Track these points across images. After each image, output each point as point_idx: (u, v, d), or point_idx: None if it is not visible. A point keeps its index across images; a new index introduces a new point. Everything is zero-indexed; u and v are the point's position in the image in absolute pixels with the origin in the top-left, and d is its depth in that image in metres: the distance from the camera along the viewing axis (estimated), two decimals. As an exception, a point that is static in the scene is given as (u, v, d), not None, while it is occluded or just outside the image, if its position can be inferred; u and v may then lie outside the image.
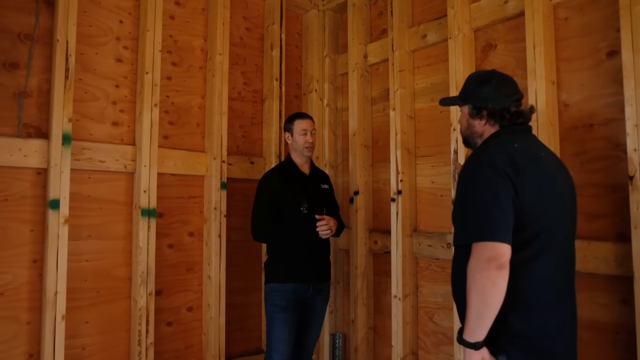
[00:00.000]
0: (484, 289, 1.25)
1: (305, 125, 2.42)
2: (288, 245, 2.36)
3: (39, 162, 2.11)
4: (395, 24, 2.67)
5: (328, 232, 2.30)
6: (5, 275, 2.03)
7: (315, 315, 2.44)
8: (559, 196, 1.42)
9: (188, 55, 2.67)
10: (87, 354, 2.24)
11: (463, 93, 1.59)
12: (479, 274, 1.25)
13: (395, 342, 2.55)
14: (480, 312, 1.26)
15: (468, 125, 1.56)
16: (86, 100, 2.30)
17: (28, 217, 2.10)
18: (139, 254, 2.32)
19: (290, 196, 2.36)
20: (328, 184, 2.57)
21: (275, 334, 2.28)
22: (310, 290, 2.36)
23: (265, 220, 2.34)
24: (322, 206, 2.41)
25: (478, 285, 1.25)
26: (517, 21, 2.22)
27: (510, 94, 1.50)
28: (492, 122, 1.50)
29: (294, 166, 2.46)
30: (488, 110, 1.49)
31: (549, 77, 2.04)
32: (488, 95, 1.49)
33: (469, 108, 1.55)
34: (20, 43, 2.12)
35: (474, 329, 1.28)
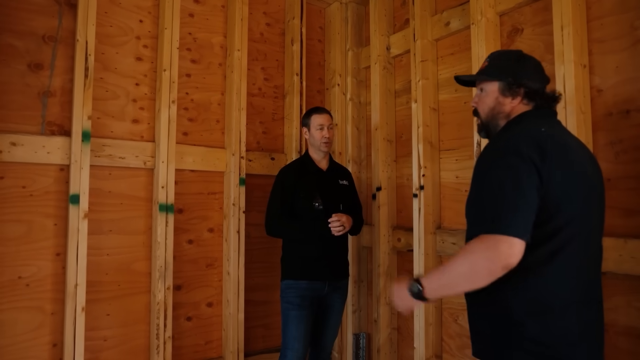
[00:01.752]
0: (477, 275, 1.17)
1: (322, 120, 2.37)
2: (303, 242, 2.32)
3: (62, 159, 2.18)
4: (417, 12, 2.56)
5: (340, 229, 2.23)
6: (30, 267, 2.11)
7: (332, 313, 2.39)
8: (588, 188, 1.28)
9: (207, 52, 2.69)
10: (108, 345, 2.29)
11: (491, 68, 1.42)
12: (483, 261, 1.15)
13: (417, 344, 2.44)
14: (456, 286, 1.25)
15: (495, 104, 1.40)
16: (107, 98, 2.36)
17: (52, 211, 2.18)
18: (158, 248, 2.35)
19: (305, 192, 2.32)
20: (347, 180, 2.50)
21: (290, 332, 2.25)
22: (326, 288, 2.32)
23: (279, 215, 2.31)
24: (338, 202, 2.35)
25: (474, 268, 1.16)
26: (545, 2, 2.06)
27: (543, 76, 1.40)
28: (526, 102, 1.37)
29: (311, 161, 2.42)
30: (526, 87, 1.35)
31: (579, 60, 1.87)
32: (526, 72, 1.37)
33: (501, 84, 1.38)
34: (45, 44, 2.21)
35: (439, 292, 1.29)
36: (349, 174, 2.58)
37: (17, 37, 2.14)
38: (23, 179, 2.12)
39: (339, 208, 2.34)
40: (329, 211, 2.28)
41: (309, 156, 2.44)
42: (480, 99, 1.45)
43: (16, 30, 2.14)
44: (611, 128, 1.83)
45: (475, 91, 1.49)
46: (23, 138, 2.10)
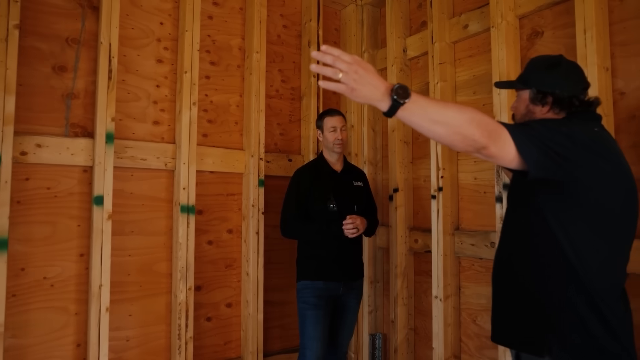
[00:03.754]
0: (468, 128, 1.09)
1: (335, 122, 2.39)
2: (317, 243, 2.34)
3: (85, 160, 2.20)
4: (435, 14, 2.57)
5: (354, 231, 2.24)
6: (55, 268, 2.13)
7: (347, 313, 2.42)
8: (634, 192, 1.32)
9: (226, 54, 2.71)
10: (131, 345, 2.31)
11: (524, 77, 1.48)
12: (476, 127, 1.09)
13: (436, 344, 2.46)
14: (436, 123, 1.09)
15: (527, 112, 1.44)
16: (129, 100, 2.38)
17: (75, 212, 2.20)
18: (179, 249, 2.37)
19: (319, 193, 2.35)
20: (362, 182, 2.52)
21: (308, 332, 2.28)
22: (341, 288, 2.35)
23: (294, 216, 2.35)
24: (352, 204, 2.37)
25: (471, 123, 1.09)
26: (566, 5, 2.08)
27: (578, 81, 1.40)
28: (557, 110, 1.39)
29: (326, 163, 2.44)
30: (554, 96, 1.38)
31: (602, 63, 1.89)
32: (555, 81, 1.39)
33: (531, 93, 1.42)
34: (68, 47, 2.23)
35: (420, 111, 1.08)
36: (364, 175, 2.60)
37: (41, 40, 2.16)
38: (48, 180, 2.14)
39: (353, 209, 2.35)
40: (343, 213, 2.29)
41: (324, 158, 2.46)
42: (516, 104, 1.50)
43: (41, 33, 2.16)
44: (635, 131, 1.85)
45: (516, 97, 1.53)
46: (48, 140, 2.11)
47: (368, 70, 1.05)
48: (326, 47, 1.06)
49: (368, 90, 1.05)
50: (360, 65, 1.04)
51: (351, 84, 1.03)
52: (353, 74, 1.03)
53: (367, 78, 1.04)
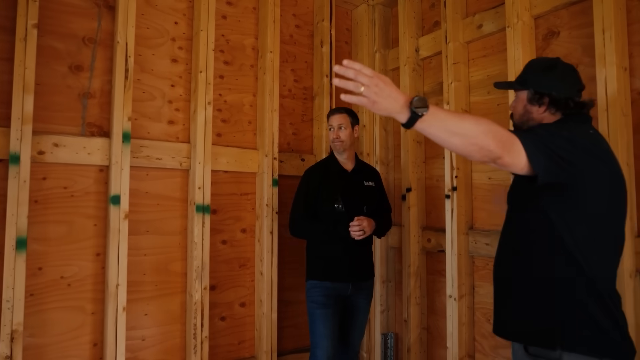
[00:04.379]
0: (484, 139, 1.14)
1: (332, 121, 2.41)
2: (326, 243, 2.34)
3: (101, 160, 2.20)
4: (449, 14, 2.58)
5: (360, 233, 2.21)
6: (71, 267, 2.13)
7: (357, 313, 2.40)
8: (625, 193, 1.41)
9: (239, 53, 2.71)
10: (147, 344, 2.31)
11: (522, 78, 1.54)
12: (492, 139, 1.15)
13: (450, 344, 2.46)
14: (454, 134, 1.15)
15: (525, 112, 1.51)
16: (144, 99, 2.38)
17: (92, 212, 2.20)
18: (194, 249, 2.37)
19: (327, 193, 2.34)
20: (374, 181, 2.49)
21: (318, 330, 2.28)
22: (350, 288, 2.34)
23: (303, 216, 2.35)
24: (361, 204, 2.34)
25: (487, 134, 1.15)
26: (582, 5, 2.08)
27: (574, 84, 1.47)
28: (553, 110, 1.46)
29: (335, 162, 2.43)
30: (550, 97, 1.44)
31: (621, 63, 1.89)
32: (552, 82, 1.45)
33: (528, 93, 1.49)
34: (84, 46, 2.23)
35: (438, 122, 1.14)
36: (377, 174, 2.58)
37: (58, 39, 2.16)
38: (64, 179, 2.14)
39: (362, 210, 2.32)
40: (351, 213, 2.27)
41: (334, 157, 2.45)
42: (515, 104, 1.56)
43: (57, 32, 2.16)
44: (653, 130, 1.86)
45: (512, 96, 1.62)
46: (65, 139, 2.12)
47: (387, 83, 1.10)
48: (347, 61, 1.10)
49: (388, 103, 1.11)
50: (380, 79, 1.10)
51: (372, 97, 1.09)
52: (374, 87, 1.08)
53: (387, 91, 1.09)
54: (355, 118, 2.46)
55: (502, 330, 1.47)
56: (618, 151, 1.81)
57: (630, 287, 1.79)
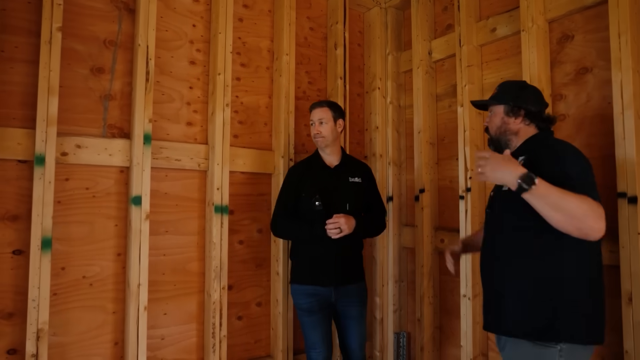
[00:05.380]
0: (581, 221, 1.32)
1: (312, 116, 2.32)
2: (307, 244, 2.25)
3: (122, 161, 2.22)
4: (463, 18, 2.61)
5: (336, 232, 2.10)
6: (93, 267, 2.16)
7: (349, 320, 2.28)
8: None
9: (256, 56, 2.74)
10: (166, 344, 2.34)
11: (497, 96, 1.73)
12: (593, 218, 1.32)
13: (464, 343, 2.50)
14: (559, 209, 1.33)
15: (502, 124, 1.69)
16: (163, 101, 2.41)
17: (113, 212, 2.22)
18: (213, 249, 2.40)
19: (306, 190, 2.25)
20: (362, 177, 2.34)
21: (308, 338, 2.25)
22: (333, 293, 2.23)
23: (283, 214, 2.28)
24: (344, 202, 2.23)
25: (585, 214, 1.32)
26: (597, 10, 2.12)
27: (542, 101, 1.71)
28: (528, 122, 1.67)
29: (319, 158, 2.35)
30: (526, 110, 1.66)
31: (636, 67, 1.93)
32: (527, 97, 1.68)
33: (506, 107, 1.69)
34: (105, 49, 2.25)
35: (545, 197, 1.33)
36: (366, 170, 2.42)
37: (80, 42, 2.19)
38: (86, 180, 2.17)
39: (345, 208, 2.21)
40: (331, 211, 2.16)
41: (318, 153, 2.37)
42: (490, 119, 1.75)
43: (79, 35, 2.19)
44: (668, 133, 1.89)
45: (488, 114, 1.79)
46: (87, 140, 2.14)
47: (501, 164, 1.41)
48: (478, 151, 1.40)
49: (500, 178, 1.42)
50: (495, 160, 1.42)
51: (488, 174, 1.43)
52: (490, 165, 1.42)
53: (502, 170, 1.40)
54: (338, 112, 2.34)
55: (495, 327, 1.60)
56: (634, 153, 1.85)
57: (646, 286, 1.83)
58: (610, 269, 1.88)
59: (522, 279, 1.51)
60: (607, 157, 2.00)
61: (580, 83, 2.17)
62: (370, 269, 3.10)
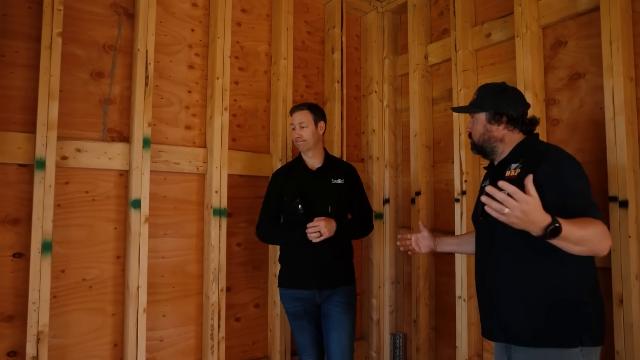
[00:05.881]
0: (600, 246, 1.35)
1: (292, 120, 2.32)
2: (290, 248, 2.26)
3: (122, 165, 2.25)
4: (459, 23, 2.65)
5: (316, 235, 2.08)
6: (93, 270, 2.18)
7: (331, 324, 2.22)
8: None
9: (254, 60, 2.77)
10: (164, 345, 2.37)
11: (478, 102, 1.71)
12: (606, 240, 1.36)
13: (459, 344, 2.53)
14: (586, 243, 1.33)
15: (485, 131, 1.68)
16: (162, 105, 2.43)
17: (112, 215, 2.25)
18: (211, 251, 2.42)
19: (288, 194, 2.25)
20: (345, 179, 2.31)
21: (298, 342, 2.28)
22: (317, 296, 2.22)
23: (267, 218, 2.30)
24: (325, 205, 2.21)
25: (600, 241, 1.34)
26: (590, 16, 2.16)
27: (523, 103, 1.69)
28: (511, 127, 1.65)
29: (301, 161, 2.35)
30: (508, 116, 1.64)
31: (627, 73, 1.97)
32: (507, 103, 1.65)
33: (487, 114, 1.67)
34: (105, 53, 2.28)
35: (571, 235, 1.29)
36: (351, 172, 2.39)
37: (80, 47, 2.21)
38: (86, 184, 2.19)
39: (327, 211, 2.19)
40: (313, 215, 2.14)
41: (301, 156, 2.37)
42: (473, 125, 1.74)
43: (79, 40, 2.21)
44: (658, 138, 1.93)
45: (470, 119, 1.77)
46: (87, 144, 2.17)
47: (531, 211, 1.24)
48: (503, 183, 1.24)
49: (526, 226, 1.27)
50: (528, 206, 1.23)
51: (512, 220, 1.26)
52: (518, 213, 1.23)
53: (527, 220, 1.25)
54: (319, 114, 2.33)
55: (506, 337, 1.57)
56: (625, 158, 1.89)
57: (637, 288, 1.87)
58: (602, 271, 1.92)
59: (528, 284, 1.51)
60: (600, 162, 2.04)
61: (573, 88, 2.21)
62: (367, 271, 3.13)
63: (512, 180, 1.49)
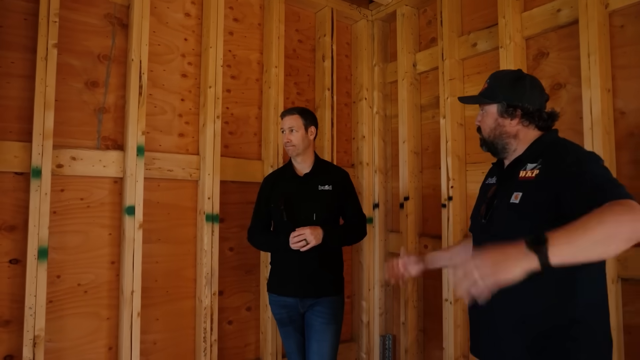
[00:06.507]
0: (620, 233, 1.05)
1: (282, 124, 2.27)
2: (279, 254, 2.24)
3: (116, 172, 2.30)
4: (445, 33, 2.72)
5: (301, 244, 2.04)
6: (88, 275, 2.24)
7: (314, 335, 2.16)
8: None
9: (246, 68, 2.83)
10: (158, 348, 2.42)
11: (490, 91, 1.50)
12: (628, 222, 1.05)
13: (446, 345, 2.61)
14: (594, 248, 1.06)
15: (496, 125, 1.47)
16: (156, 113, 2.49)
17: (107, 222, 2.30)
18: (204, 256, 2.48)
19: (274, 200, 2.24)
20: (332, 184, 2.23)
21: (285, 348, 2.28)
22: (299, 305, 2.18)
23: (255, 224, 2.32)
24: (311, 212, 2.16)
25: (620, 227, 1.05)
26: (570, 29, 2.23)
27: (542, 94, 1.48)
28: (526, 123, 1.45)
29: (290, 167, 2.31)
30: (523, 109, 1.43)
31: (604, 85, 2.05)
32: (522, 94, 1.43)
33: (499, 106, 1.45)
34: (99, 63, 2.33)
35: (570, 253, 1.05)
36: (341, 177, 2.30)
37: (75, 57, 2.26)
38: (81, 191, 2.24)
39: (312, 218, 2.14)
40: (297, 222, 2.11)
41: (291, 162, 2.32)
42: (482, 118, 1.53)
43: (74, 50, 2.26)
44: (634, 147, 2.01)
45: (479, 111, 1.56)
46: (82, 152, 2.22)
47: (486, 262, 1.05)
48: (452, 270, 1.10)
49: (503, 272, 1.05)
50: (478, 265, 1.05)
51: (487, 284, 1.05)
52: (482, 276, 1.04)
53: (491, 267, 1.05)
54: (310, 119, 2.26)
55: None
56: (602, 167, 1.96)
57: (613, 292, 1.94)
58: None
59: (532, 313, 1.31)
60: (578, 170, 2.11)
61: (555, 98, 2.29)
62: (357, 274, 3.20)
63: (529, 182, 1.34)
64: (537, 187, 1.28)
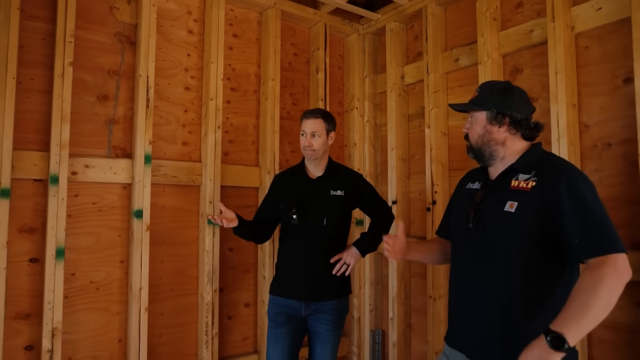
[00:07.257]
0: (613, 301, 1.23)
1: (304, 127, 2.21)
2: (286, 257, 2.27)
3: (125, 178, 2.51)
4: (430, 48, 2.93)
5: (344, 268, 2.15)
6: (100, 273, 2.44)
7: (317, 340, 2.20)
8: None
9: (244, 81, 3.03)
10: (163, 341, 2.63)
11: (480, 99, 1.57)
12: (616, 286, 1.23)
13: (430, 339, 2.81)
14: (598, 319, 1.22)
15: (484, 132, 1.54)
16: (161, 124, 2.69)
17: (117, 224, 2.50)
18: (205, 256, 2.68)
19: (284, 201, 2.23)
20: (344, 189, 2.22)
21: (267, 350, 2.24)
22: (303, 308, 2.18)
23: (255, 216, 2.39)
24: (321, 216, 2.17)
25: (612, 295, 1.23)
26: (541, 48, 2.44)
27: (528, 105, 1.57)
28: (514, 130, 1.52)
29: (303, 169, 2.31)
30: (511, 117, 1.50)
31: (570, 100, 2.25)
32: (511, 103, 1.52)
33: (488, 114, 1.52)
34: (110, 78, 2.53)
35: (582, 334, 1.23)
36: (355, 179, 2.35)
37: (87, 73, 2.47)
38: (93, 196, 2.45)
39: (321, 223, 2.17)
40: (307, 225, 2.15)
41: (304, 163, 2.32)
42: (471, 125, 1.60)
43: (87, 67, 2.46)
44: (596, 157, 2.21)
45: (468, 118, 1.64)
46: (94, 161, 2.42)
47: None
48: None
49: None
50: None
51: None
52: None
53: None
54: (332, 124, 2.26)
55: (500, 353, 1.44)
56: (567, 175, 2.17)
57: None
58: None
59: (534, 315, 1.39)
60: (547, 177, 2.31)
61: (528, 111, 2.49)
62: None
63: (524, 193, 1.41)
64: (533, 199, 1.36)
